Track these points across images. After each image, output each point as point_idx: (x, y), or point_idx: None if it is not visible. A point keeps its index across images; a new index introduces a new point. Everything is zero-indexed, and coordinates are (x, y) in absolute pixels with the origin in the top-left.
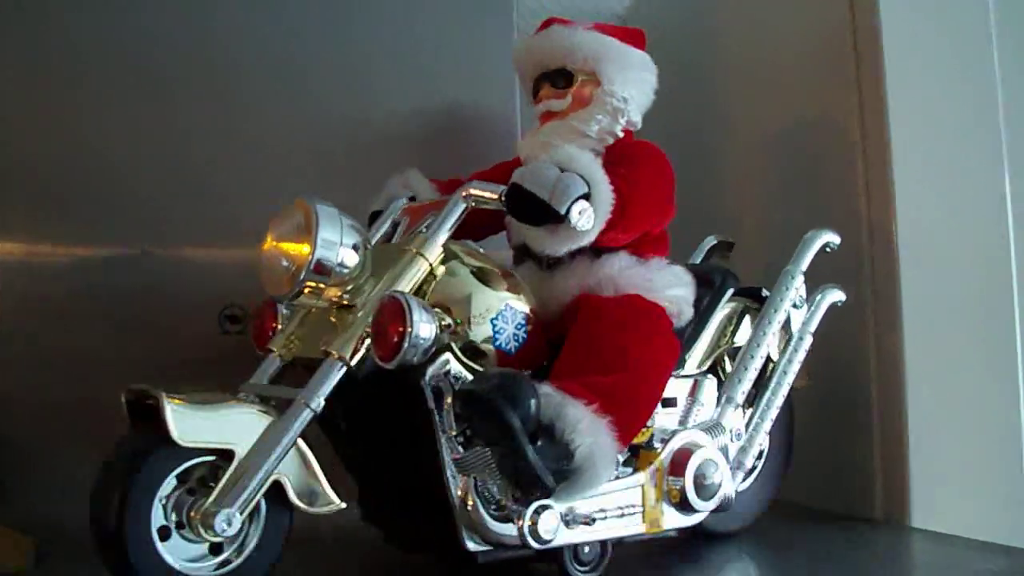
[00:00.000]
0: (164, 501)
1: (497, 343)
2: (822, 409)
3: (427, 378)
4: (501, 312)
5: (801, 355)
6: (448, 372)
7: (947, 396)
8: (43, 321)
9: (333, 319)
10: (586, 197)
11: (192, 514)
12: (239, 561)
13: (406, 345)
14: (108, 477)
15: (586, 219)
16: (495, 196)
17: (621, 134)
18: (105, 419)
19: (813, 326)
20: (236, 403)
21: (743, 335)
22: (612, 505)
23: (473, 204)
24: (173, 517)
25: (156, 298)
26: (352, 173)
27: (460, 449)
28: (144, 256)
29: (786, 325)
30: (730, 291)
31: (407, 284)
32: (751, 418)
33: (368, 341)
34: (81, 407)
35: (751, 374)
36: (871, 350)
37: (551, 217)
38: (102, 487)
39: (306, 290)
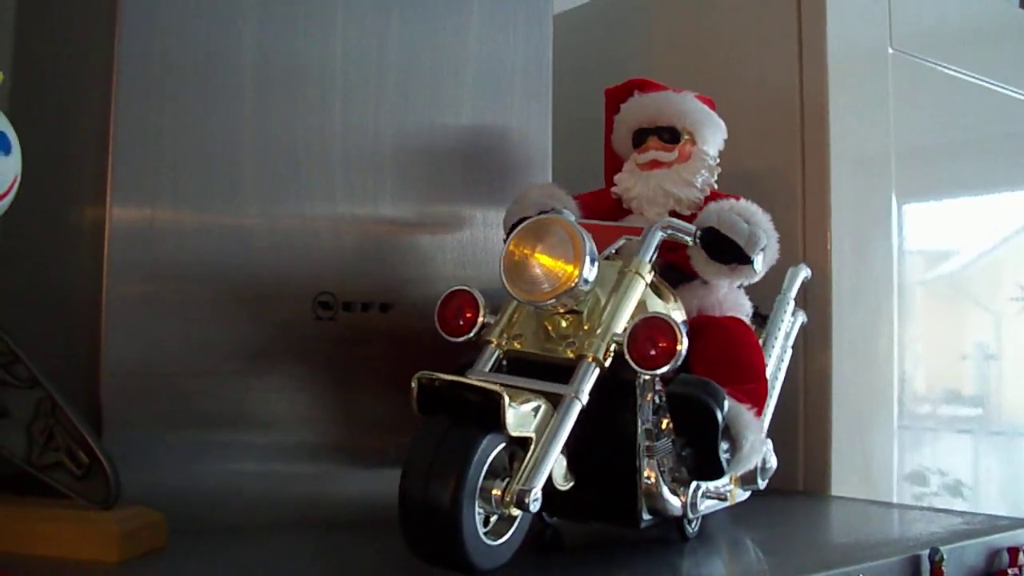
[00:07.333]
0: None
1: None
2: None
3: (640, 380)
4: None
5: (785, 366)
6: (654, 377)
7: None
8: (157, 291)
9: (548, 323)
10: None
11: (500, 494)
12: (505, 538)
13: (673, 362)
14: (440, 459)
15: (763, 267)
16: (690, 234)
17: (716, 186)
18: (209, 394)
19: (791, 342)
20: (526, 395)
21: None
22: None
23: (667, 235)
24: None
25: (255, 277)
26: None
27: (652, 439)
28: (249, 233)
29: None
30: None
31: (635, 302)
32: None
33: (613, 347)
34: (183, 380)
35: (778, 384)
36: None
37: (739, 259)
38: (434, 468)
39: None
